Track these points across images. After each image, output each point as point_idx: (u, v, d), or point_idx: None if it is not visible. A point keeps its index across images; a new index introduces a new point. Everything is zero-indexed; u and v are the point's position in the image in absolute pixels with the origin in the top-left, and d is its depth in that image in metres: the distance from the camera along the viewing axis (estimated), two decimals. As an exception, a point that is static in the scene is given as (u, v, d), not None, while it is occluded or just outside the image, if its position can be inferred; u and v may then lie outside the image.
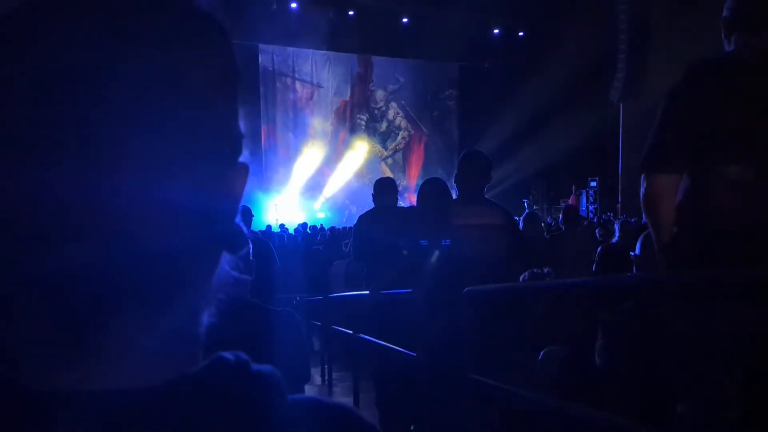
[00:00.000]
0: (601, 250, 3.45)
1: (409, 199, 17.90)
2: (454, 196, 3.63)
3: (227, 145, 0.40)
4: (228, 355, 0.40)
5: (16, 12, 0.34)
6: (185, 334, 0.39)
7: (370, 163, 20.00)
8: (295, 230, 12.33)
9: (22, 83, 0.33)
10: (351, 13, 18.14)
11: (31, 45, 0.34)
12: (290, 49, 18.86)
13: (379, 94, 20.39)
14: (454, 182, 3.51)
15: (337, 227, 11.92)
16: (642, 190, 1.91)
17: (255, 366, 0.41)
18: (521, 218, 6.04)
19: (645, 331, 2.22)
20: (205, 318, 0.41)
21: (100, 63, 0.33)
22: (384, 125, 20.54)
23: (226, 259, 0.41)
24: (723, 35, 1.93)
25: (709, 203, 1.75)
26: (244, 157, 0.42)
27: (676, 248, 1.81)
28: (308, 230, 12.07)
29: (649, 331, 2.19)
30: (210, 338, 0.42)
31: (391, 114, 20.61)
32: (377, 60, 20.03)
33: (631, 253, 2.79)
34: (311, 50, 19.00)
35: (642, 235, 2.71)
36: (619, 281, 2.48)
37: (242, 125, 0.41)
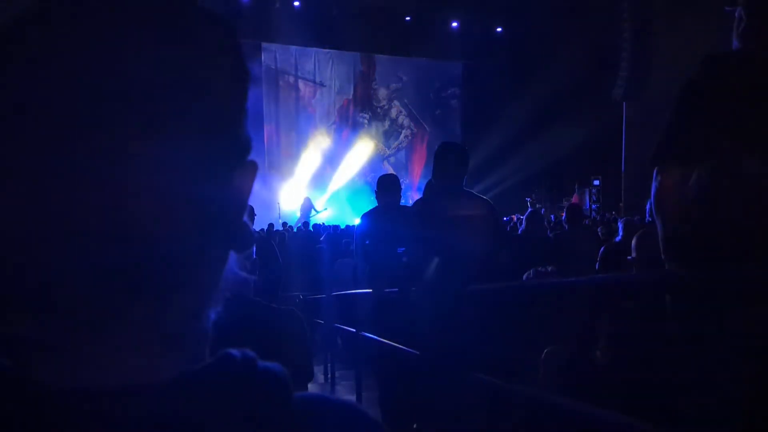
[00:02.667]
0: (604, 248, 3.45)
1: (412, 197, 17.89)
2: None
3: (236, 144, 0.40)
4: (234, 351, 0.41)
5: (32, 15, 0.35)
6: (192, 331, 0.39)
7: (373, 162, 20.00)
8: (298, 228, 12.35)
9: (39, 82, 0.33)
10: (354, 11, 18.13)
11: (48, 47, 0.34)
12: (293, 48, 18.85)
13: (382, 92, 20.38)
14: (432, 176, 3.41)
15: (340, 226, 11.93)
16: (654, 183, 1.88)
17: (261, 363, 0.41)
18: (524, 217, 6.04)
19: (647, 330, 2.22)
20: (212, 316, 0.41)
21: (112, 64, 0.34)
22: (387, 124, 20.53)
23: (232, 258, 0.42)
24: (735, 30, 1.90)
25: (725, 199, 1.72)
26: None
27: (687, 246, 1.79)
28: (310, 228, 12.08)
29: (650, 330, 2.19)
30: (215, 336, 0.42)
31: (393, 112, 20.60)
32: (380, 58, 20.02)
33: (629, 257, 2.76)
34: (314, 48, 18.98)
35: (635, 237, 2.69)
36: (623, 280, 2.48)
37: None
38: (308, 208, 16.94)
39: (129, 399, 0.35)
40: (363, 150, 19.72)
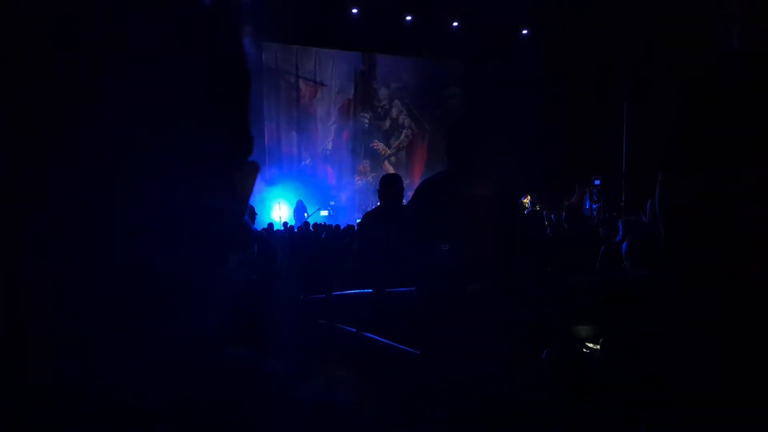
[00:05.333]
0: (604, 248, 3.45)
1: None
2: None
3: (237, 144, 0.40)
4: (234, 352, 0.41)
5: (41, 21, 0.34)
6: (193, 331, 0.39)
7: (374, 162, 20.01)
8: (297, 228, 12.35)
9: (39, 85, 0.33)
10: (354, 11, 18.13)
11: (52, 49, 0.34)
12: (293, 47, 18.86)
13: (383, 92, 20.38)
14: (444, 152, 3.09)
15: (341, 225, 11.94)
16: (658, 189, 1.89)
17: (261, 363, 0.42)
18: (524, 216, 6.03)
19: (647, 330, 2.22)
20: (213, 315, 0.41)
21: (111, 63, 0.34)
22: (387, 123, 20.53)
23: (233, 257, 0.42)
24: (732, 32, 1.90)
25: (725, 205, 1.73)
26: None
27: (688, 248, 1.80)
28: (311, 228, 12.07)
29: (651, 330, 2.19)
30: (214, 333, 0.42)
31: (394, 112, 20.60)
32: (381, 58, 20.01)
33: (623, 265, 2.75)
34: (315, 48, 18.99)
35: (625, 243, 2.68)
36: (624, 280, 2.48)
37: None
38: (302, 210, 16.96)
39: (131, 402, 0.35)
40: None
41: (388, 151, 20.54)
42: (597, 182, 16.61)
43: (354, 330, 4.47)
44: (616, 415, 1.68)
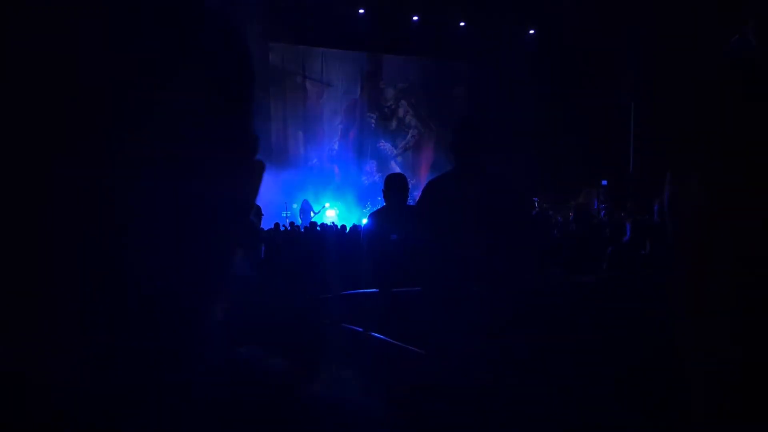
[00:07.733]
0: (612, 249, 3.44)
1: (418, 197, 17.82)
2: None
3: (242, 142, 0.40)
4: (240, 351, 0.41)
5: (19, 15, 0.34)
6: (197, 331, 0.39)
7: (381, 162, 20.01)
8: (304, 228, 12.36)
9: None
10: (361, 11, 18.13)
11: (47, 40, 0.34)
12: (300, 48, 18.87)
13: (389, 92, 20.36)
14: (450, 150, 3.02)
15: (346, 227, 11.94)
16: (667, 190, 1.89)
17: (267, 363, 0.42)
18: (531, 217, 6.02)
19: (655, 331, 2.21)
20: (218, 314, 0.41)
21: (113, 63, 0.33)
22: (394, 123, 20.51)
23: (239, 257, 0.42)
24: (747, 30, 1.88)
25: (740, 204, 1.72)
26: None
27: (695, 252, 1.79)
28: (318, 228, 12.08)
29: (660, 331, 2.19)
30: (221, 333, 0.42)
31: (401, 112, 20.58)
32: (387, 58, 20.00)
33: (642, 251, 2.77)
34: (321, 48, 18.99)
35: (651, 235, 2.69)
36: (630, 280, 2.47)
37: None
38: (307, 209, 16.96)
39: (135, 401, 0.35)
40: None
41: (395, 152, 20.54)
42: (604, 183, 16.56)
43: (361, 329, 4.47)
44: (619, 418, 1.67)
